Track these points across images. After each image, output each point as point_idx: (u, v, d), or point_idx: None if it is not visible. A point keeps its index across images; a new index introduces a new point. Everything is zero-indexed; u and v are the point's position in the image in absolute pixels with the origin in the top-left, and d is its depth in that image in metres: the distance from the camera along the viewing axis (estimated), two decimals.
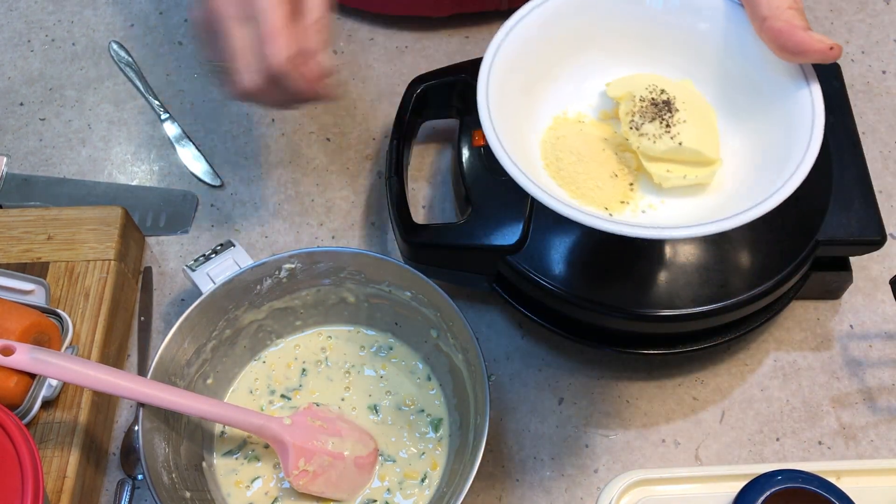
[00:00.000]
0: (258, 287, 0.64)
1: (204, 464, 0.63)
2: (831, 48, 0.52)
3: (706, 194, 0.56)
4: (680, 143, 0.55)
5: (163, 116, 0.81)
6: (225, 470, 0.64)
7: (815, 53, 0.52)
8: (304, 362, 0.68)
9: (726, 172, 0.56)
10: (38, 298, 0.68)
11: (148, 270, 0.75)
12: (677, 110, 0.57)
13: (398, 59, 0.84)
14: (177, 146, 0.79)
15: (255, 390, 0.67)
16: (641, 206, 0.56)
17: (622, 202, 0.56)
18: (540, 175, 0.56)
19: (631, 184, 0.57)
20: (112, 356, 0.69)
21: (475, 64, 0.57)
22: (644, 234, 0.50)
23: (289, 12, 0.56)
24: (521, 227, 0.64)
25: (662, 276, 0.64)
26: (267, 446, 0.64)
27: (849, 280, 0.70)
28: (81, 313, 0.68)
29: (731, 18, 0.57)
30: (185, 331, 0.61)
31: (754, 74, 0.57)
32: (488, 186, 0.67)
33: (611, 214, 0.55)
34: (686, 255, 0.64)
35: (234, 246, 0.65)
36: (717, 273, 0.63)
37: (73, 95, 0.84)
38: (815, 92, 0.54)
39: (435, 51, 0.85)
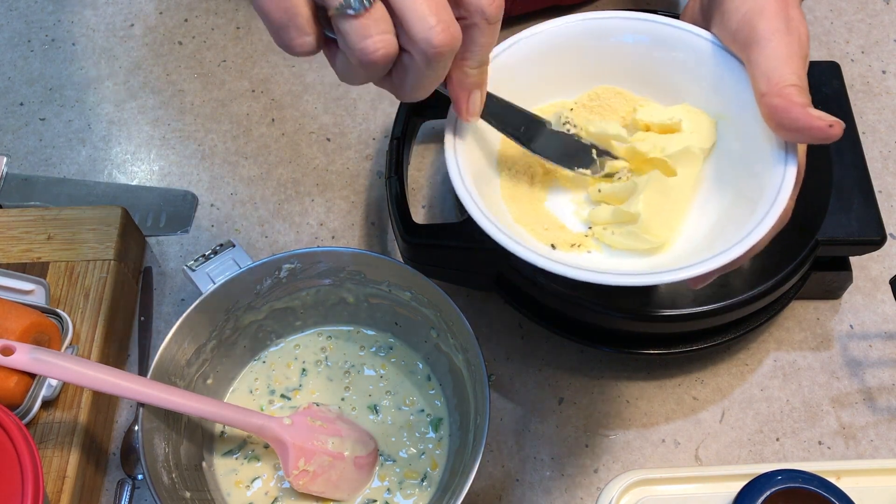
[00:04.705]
0: (258, 287, 0.64)
1: (204, 464, 0.63)
2: (831, 126, 0.47)
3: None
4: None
5: None
6: (225, 470, 0.64)
7: (813, 131, 0.48)
8: (304, 362, 0.68)
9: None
10: (38, 298, 0.68)
11: (148, 270, 0.75)
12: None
13: None
14: None
15: (255, 390, 0.67)
16: (588, 247, 0.54)
17: (573, 245, 0.54)
18: (498, 203, 0.55)
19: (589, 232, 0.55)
20: (112, 356, 0.69)
21: None
22: (586, 278, 0.48)
23: None
24: None
25: None
26: (267, 446, 0.64)
27: (849, 280, 0.70)
28: (81, 313, 0.68)
29: (720, 59, 0.54)
30: (185, 331, 0.61)
31: (741, 134, 0.53)
32: None
33: (553, 248, 0.53)
34: None
35: (234, 246, 0.65)
36: None
37: (73, 95, 0.84)
38: (790, 172, 0.49)
39: None
